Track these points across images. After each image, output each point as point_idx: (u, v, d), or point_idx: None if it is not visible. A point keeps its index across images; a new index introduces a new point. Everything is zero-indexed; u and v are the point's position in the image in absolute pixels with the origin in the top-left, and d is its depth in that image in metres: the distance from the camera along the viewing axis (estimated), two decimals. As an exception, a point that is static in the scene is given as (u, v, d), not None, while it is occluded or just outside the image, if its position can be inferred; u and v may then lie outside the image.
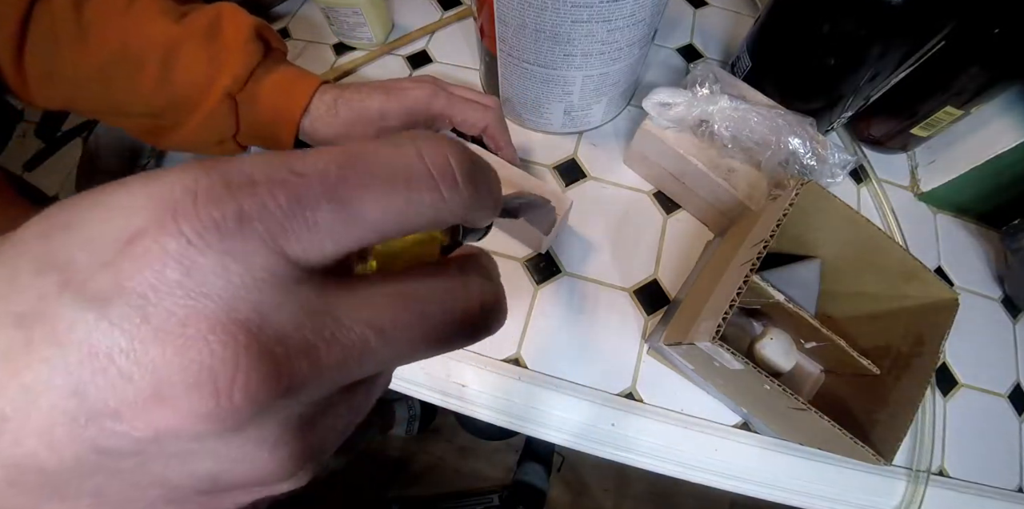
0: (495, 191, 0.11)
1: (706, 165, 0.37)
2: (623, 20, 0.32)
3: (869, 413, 0.30)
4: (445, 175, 0.10)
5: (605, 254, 0.41)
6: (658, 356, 0.37)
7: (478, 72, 0.48)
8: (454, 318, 0.11)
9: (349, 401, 0.11)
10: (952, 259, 0.44)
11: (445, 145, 0.10)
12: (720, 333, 0.25)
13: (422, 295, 0.10)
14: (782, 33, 0.39)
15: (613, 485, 1.07)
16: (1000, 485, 0.36)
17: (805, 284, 0.35)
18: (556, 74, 0.37)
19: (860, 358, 0.31)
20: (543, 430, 0.36)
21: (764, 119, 0.34)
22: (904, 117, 0.43)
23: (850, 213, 0.31)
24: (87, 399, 0.07)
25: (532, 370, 0.37)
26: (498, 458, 1.08)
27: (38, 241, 0.08)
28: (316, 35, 0.51)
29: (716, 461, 0.35)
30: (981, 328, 0.41)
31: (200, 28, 0.32)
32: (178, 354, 0.07)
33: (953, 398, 0.38)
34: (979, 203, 0.44)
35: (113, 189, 0.08)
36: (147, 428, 0.07)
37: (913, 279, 0.32)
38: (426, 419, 1.06)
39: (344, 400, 0.11)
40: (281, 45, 0.36)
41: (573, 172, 0.44)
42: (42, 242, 0.08)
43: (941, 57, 0.35)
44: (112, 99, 0.33)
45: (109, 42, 0.31)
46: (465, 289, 0.11)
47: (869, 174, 0.46)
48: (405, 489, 1.05)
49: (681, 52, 0.51)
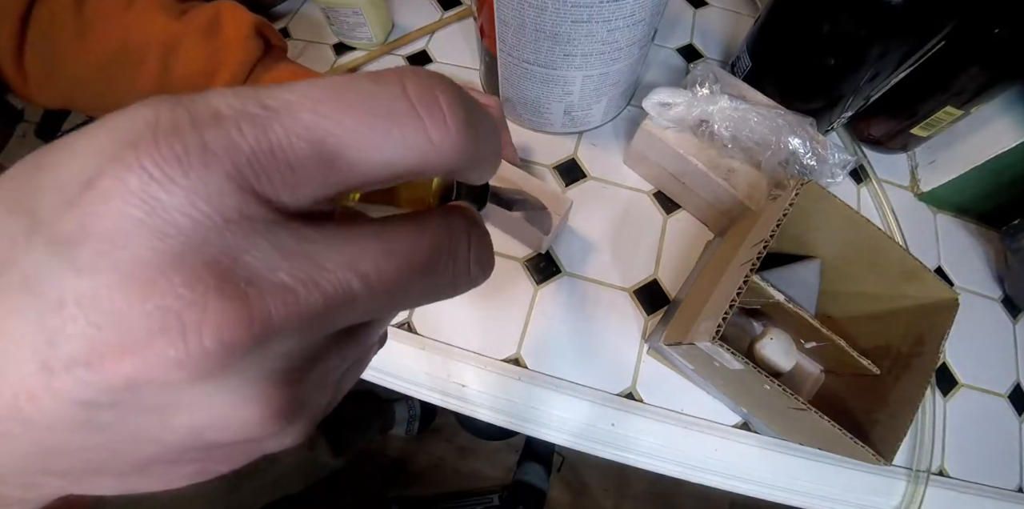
0: (493, 141, 0.10)
1: (706, 165, 0.37)
2: (623, 20, 0.32)
3: (869, 413, 0.30)
4: (433, 112, 0.09)
5: (605, 254, 0.41)
6: (658, 356, 0.37)
7: (478, 72, 0.48)
8: (441, 266, 0.10)
9: (341, 352, 0.10)
10: (952, 259, 0.44)
11: (434, 79, 0.09)
12: (720, 333, 0.25)
13: (407, 241, 0.10)
14: (782, 33, 0.39)
15: (613, 485, 1.07)
16: (1000, 485, 0.36)
17: (805, 284, 0.35)
18: (556, 74, 0.37)
19: (860, 358, 0.31)
20: (543, 430, 0.36)
21: (764, 119, 0.34)
22: (904, 117, 0.43)
23: (850, 213, 0.31)
24: (59, 349, 0.07)
25: (532, 370, 0.37)
26: (498, 458, 1.08)
27: (10, 182, 0.08)
28: (316, 35, 0.51)
29: (716, 461, 0.35)
30: (981, 328, 0.41)
31: (200, 25, 0.32)
32: (144, 299, 0.07)
33: (953, 398, 0.38)
34: (979, 203, 0.44)
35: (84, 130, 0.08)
36: (118, 377, 0.07)
37: (913, 279, 0.32)
38: (426, 419, 1.06)
39: (334, 351, 0.10)
40: (281, 42, 0.36)
41: (573, 172, 0.44)
42: (13, 184, 0.08)
43: (941, 57, 0.35)
44: (112, 96, 0.33)
45: (109, 39, 0.31)
46: (451, 237, 0.10)
47: (869, 174, 0.46)
48: (405, 489, 1.05)
49: (681, 52, 0.51)
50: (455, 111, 0.09)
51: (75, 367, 0.07)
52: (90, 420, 0.08)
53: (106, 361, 0.07)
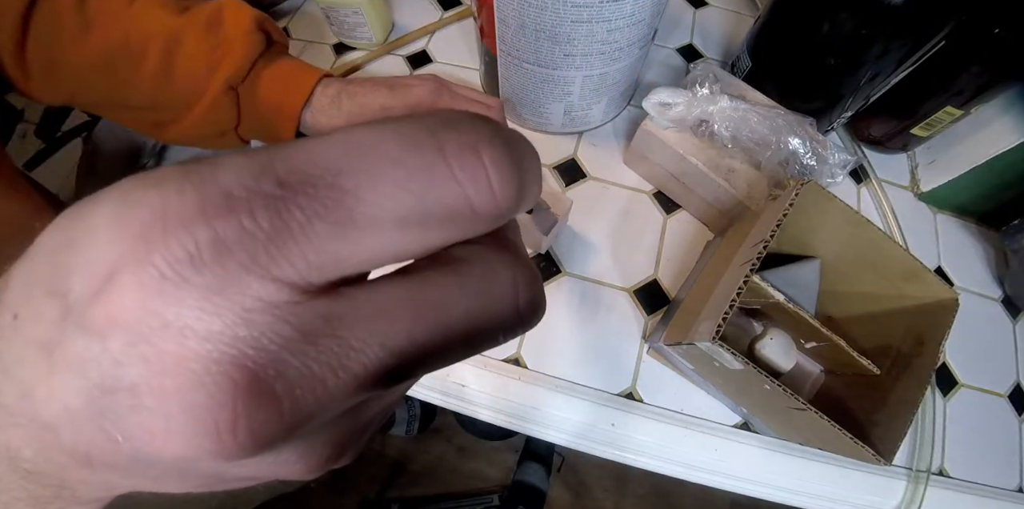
0: (537, 179, 0.09)
1: (706, 165, 0.37)
2: (623, 20, 0.32)
3: (869, 413, 0.30)
4: (476, 178, 0.08)
5: (605, 254, 0.41)
6: (658, 356, 0.37)
7: (478, 72, 0.48)
8: (483, 324, 0.09)
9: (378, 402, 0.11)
10: (952, 259, 0.44)
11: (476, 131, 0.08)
12: (720, 333, 0.25)
13: (443, 301, 0.09)
14: (782, 33, 0.39)
15: (613, 485, 1.07)
16: (1000, 485, 0.36)
17: (805, 284, 0.35)
18: (556, 74, 0.37)
19: (860, 358, 0.31)
20: (543, 430, 0.36)
21: (764, 119, 0.34)
22: (904, 117, 0.43)
23: (850, 213, 0.31)
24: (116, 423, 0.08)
25: (532, 370, 0.37)
26: (498, 458, 1.07)
27: (45, 259, 0.08)
28: (316, 35, 0.51)
29: (716, 461, 0.35)
30: (981, 328, 0.41)
31: (202, 20, 0.32)
32: (176, 395, 0.07)
33: (953, 398, 0.38)
34: (979, 203, 0.44)
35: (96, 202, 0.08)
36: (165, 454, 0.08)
37: (913, 279, 0.32)
38: (426, 419, 1.06)
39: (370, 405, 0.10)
40: (282, 38, 0.36)
41: (573, 172, 0.44)
42: (47, 261, 0.08)
43: (941, 57, 0.35)
44: (114, 92, 0.33)
45: (111, 34, 0.31)
46: (494, 287, 0.09)
47: (869, 174, 0.46)
48: (405, 489, 1.05)
49: (681, 52, 0.51)
50: (500, 170, 0.08)
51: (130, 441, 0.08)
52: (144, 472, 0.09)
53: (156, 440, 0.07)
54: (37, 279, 0.08)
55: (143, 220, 0.07)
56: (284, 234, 0.07)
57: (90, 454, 0.08)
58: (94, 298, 0.07)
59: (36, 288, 0.08)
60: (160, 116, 0.34)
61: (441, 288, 0.09)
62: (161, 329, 0.07)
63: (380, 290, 0.08)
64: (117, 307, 0.07)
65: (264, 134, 0.37)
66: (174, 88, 0.32)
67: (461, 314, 0.09)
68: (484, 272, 0.09)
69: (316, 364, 0.08)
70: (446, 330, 0.08)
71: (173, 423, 0.07)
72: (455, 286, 0.09)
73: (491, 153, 0.08)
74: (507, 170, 0.08)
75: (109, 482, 0.09)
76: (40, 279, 0.08)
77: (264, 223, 0.07)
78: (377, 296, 0.08)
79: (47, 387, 0.08)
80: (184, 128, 0.34)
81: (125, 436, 0.08)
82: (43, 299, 0.08)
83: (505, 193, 0.08)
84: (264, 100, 0.34)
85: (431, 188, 0.08)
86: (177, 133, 0.35)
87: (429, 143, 0.08)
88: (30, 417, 0.08)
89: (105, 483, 0.09)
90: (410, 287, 0.09)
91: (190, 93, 0.33)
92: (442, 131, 0.08)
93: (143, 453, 0.08)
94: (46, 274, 0.08)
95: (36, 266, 0.08)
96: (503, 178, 0.08)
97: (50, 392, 0.08)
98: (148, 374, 0.07)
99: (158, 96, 0.33)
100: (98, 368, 0.07)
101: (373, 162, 0.08)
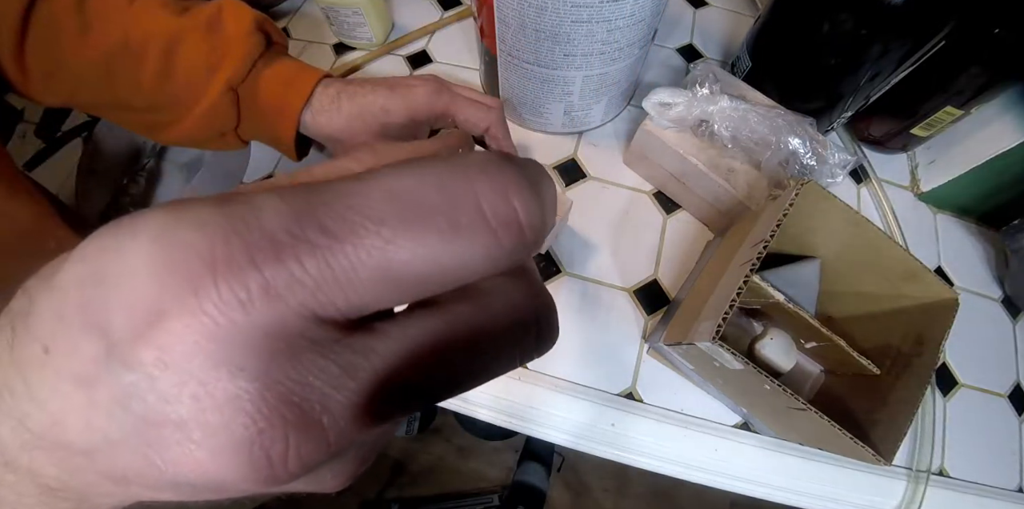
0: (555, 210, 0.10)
1: (706, 165, 0.37)
2: (623, 20, 0.32)
3: (869, 413, 0.30)
4: (510, 225, 0.08)
5: (605, 254, 0.41)
6: (658, 356, 0.37)
7: (478, 72, 0.48)
8: (506, 354, 0.10)
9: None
10: (952, 259, 0.44)
11: (508, 178, 0.09)
12: (720, 333, 0.25)
13: (471, 335, 0.09)
14: (782, 33, 0.39)
15: (613, 485, 1.07)
16: (1000, 485, 0.36)
17: (805, 284, 0.35)
18: (556, 74, 0.37)
19: (860, 358, 0.31)
20: (543, 430, 0.36)
21: (764, 119, 0.34)
22: (904, 117, 0.43)
23: (850, 213, 0.31)
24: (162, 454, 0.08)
25: (532, 370, 0.37)
26: (498, 458, 1.08)
27: (76, 292, 0.08)
28: (316, 35, 0.51)
29: (716, 461, 0.35)
30: (981, 328, 0.41)
31: (201, 21, 0.32)
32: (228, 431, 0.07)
33: (953, 398, 0.38)
34: (979, 203, 0.44)
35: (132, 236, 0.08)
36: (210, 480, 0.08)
37: (913, 279, 0.32)
38: (426, 419, 1.06)
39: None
40: (282, 39, 0.36)
41: (573, 172, 0.44)
42: (80, 294, 0.08)
43: (941, 57, 0.35)
44: (113, 93, 0.33)
45: (111, 35, 0.31)
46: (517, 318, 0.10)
47: (869, 174, 0.46)
48: (405, 489, 1.05)
49: (681, 52, 0.51)
50: (529, 213, 0.09)
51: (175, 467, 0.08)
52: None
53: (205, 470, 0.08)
54: (70, 312, 0.08)
55: (191, 265, 0.07)
56: (330, 280, 0.08)
57: (127, 476, 0.08)
58: (139, 337, 0.07)
59: (70, 321, 0.08)
60: (160, 117, 0.34)
61: (469, 322, 0.09)
62: (212, 370, 0.07)
63: (413, 325, 0.09)
64: (166, 348, 0.07)
65: (264, 135, 0.37)
66: (174, 89, 0.32)
67: (488, 345, 0.09)
68: (506, 304, 0.10)
69: (357, 396, 0.08)
70: (474, 360, 0.09)
71: (224, 456, 0.08)
72: (483, 319, 0.09)
73: (520, 197, 0.09)
74: (535, 212, 0.09)
75: (135, 496, 0.09)
76: (73, 312, 0.08)
77: (312, 270, 0.08)
78: (411, 331, 0.09)
79: (84, 418, 0.08)
80: (184, 129, 0.34)
81: (170, 464, 0.08)
82: (79, 334, 0.08)
83: (533, 233, 0.09)
84: (264, 101, 0.34)
85: (469, 236, 0.08)
86: (177, 134, 0.35)
87: (467, 194, 0.08)
88: (61, 444, 0.08)
89: (130, 497, 0.10)
90: (440, 321, 0.09)
91: (190, 94, 0.33)
92: (480, 179, 0.08)
93: (187, 478, 0.08)
94: (79, 307, 0.08)
95: (67, 297, 0.08)
96: (532, 221, 0.09)
97: (88, 423, 0.08)
98: (197, 411, 0.07)
99: (158, 97, 0.33)
100: (143, 404, 0.07)
101: (416, 213, 0.08)
